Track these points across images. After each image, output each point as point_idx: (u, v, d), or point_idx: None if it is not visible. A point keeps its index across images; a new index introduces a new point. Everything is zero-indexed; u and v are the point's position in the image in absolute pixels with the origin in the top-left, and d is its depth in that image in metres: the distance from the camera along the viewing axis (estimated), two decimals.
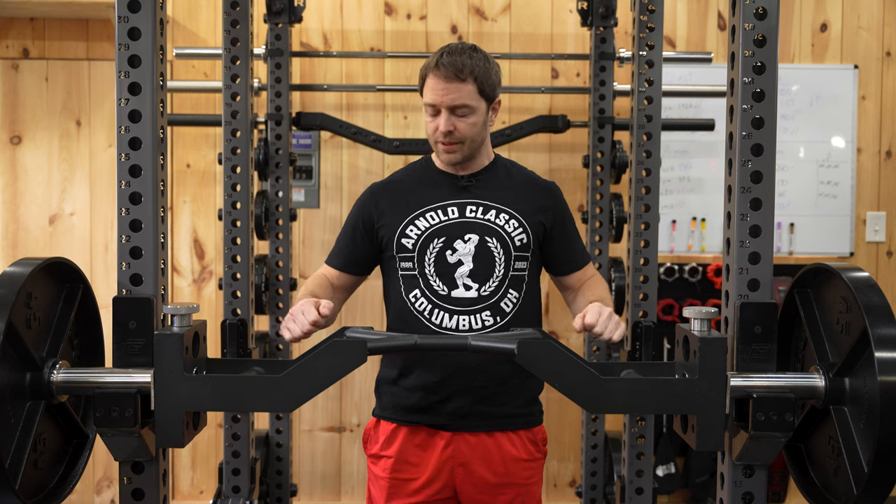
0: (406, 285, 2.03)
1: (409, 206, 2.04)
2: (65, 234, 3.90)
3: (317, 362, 1.46)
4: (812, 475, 1.49)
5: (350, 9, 3.85)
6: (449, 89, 1.95)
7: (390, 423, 2.08)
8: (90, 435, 1.51)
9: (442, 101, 1.96)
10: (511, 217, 2.03)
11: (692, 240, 3.94)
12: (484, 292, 1.99)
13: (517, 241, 2.02)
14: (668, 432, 3.78)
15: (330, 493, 3.94)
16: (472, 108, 1.98)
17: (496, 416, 2.03)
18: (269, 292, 3.33)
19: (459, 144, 2.00)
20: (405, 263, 2.03)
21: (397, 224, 2.03)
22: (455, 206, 2.04)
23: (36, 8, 3.68)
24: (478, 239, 2.01)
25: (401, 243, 2.02)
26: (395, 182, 2.13)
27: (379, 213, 2.07)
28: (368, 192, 2.13)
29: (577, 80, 3.88)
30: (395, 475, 2.05)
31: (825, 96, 3.92)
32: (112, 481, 3.93)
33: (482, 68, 1.98)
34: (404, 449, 2.05)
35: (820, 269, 1.45)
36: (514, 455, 2.04)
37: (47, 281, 1.42)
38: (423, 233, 2.01)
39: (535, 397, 2.11)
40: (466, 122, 1.98)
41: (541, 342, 1.49)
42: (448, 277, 2.00)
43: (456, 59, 1.95)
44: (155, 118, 1.45)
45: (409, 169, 2.17)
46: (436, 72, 1.96)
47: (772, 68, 1.44)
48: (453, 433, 2.02)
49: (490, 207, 2.04)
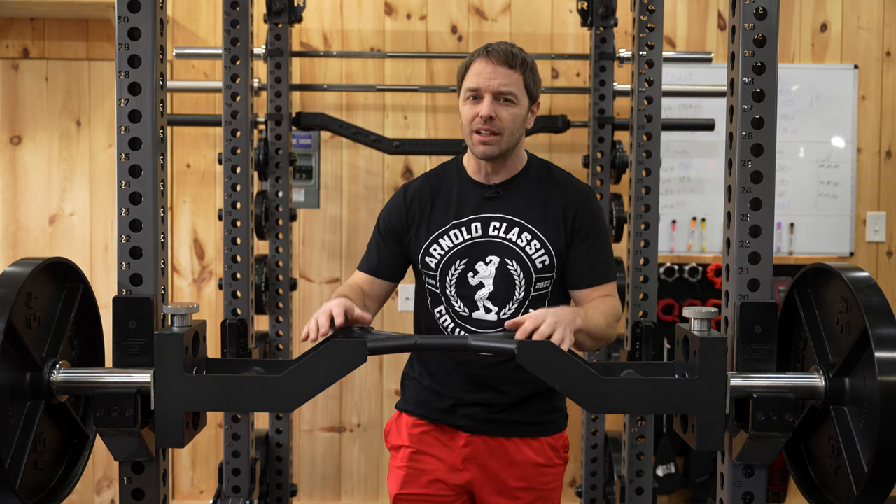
0: (432, 300, 2.05)
1: (435, 221, 2.02)
2: (65, 234, 3.90)
3: (317, 362, 1.46)
4: (812, 475, 1.49)
5: (350, 9, 3.85)
6: (497, 73, 1.90)
7: (412, 416, 2.08)
8: (90, 435, 1.50)
9: (489, 84, 1.90)
10: (533, 237, 1.98)
11: (692, 240, 3.94)
12: (504, 315, 1.98)
13: (538, 263, 1.98)
14: (668, 432, 3.78)
15: (330, 493, 3.94)
16: (516, 99, 1.93)
17: (517, 423, 2.03)
18: (269, 292, 3.33)
19: (498, 136, 1.93)
20: (430, 280, 2.04)
21: (422, 242, 2.02)
22: (479, 222, 2.00)
23: (36, 8, 3.68)
24: (498, 261, 1.98)
25: (425, 262, 2.02)
26: (425, 188, 2.07)
27: (407, 225, 2.05)
28: (401, 194, 2.08)
29: (577, 80, 3.88)
30: (412, 464, 2.05)
31: (825, 96, 3.92)
32: (112, 481, 3.93)
33: (531, 63, 1.96)
34: (424, 441, 2.06)
35: (820, 269, 1.45)
36: (533, 460, 2.03)
37: (47, 281, 1.42)
38: (447, 253, 2.00)
39: (559, 406, 2.10)
40: (509, 111, 1.92)
41: (541, 342, 1.49)
42: (469, 300, 1.99)
43: (508, 49, 1.93)
44: (155, 118, 1.45)
45: (440, 172, 2.11)
46: (485, 57, 1.92)
47: (772, 68, 1.44)
48: (473, 434, 2.03)
49: (514, 224, 1.99)
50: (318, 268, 3.90)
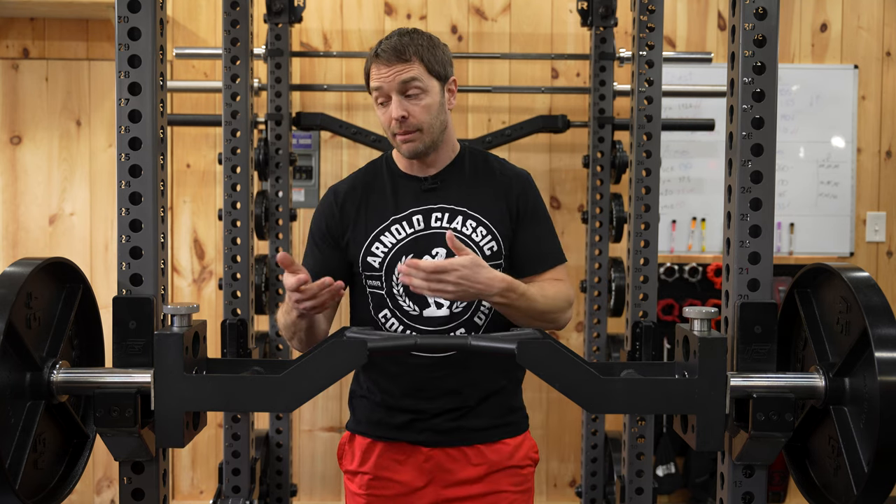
0: (375, 303, 1.92)
1: (372, 219, 1.91)
2: (65, 234, 3.90)
3: (317, 362, 1.46)
4: (812, 475, 1.49)
5: (350, 9, 3.85)
6: (392, 70, 1.82)
7: (366, 437, 1.96)
8: (90, 435, 1.50)
9: (389, 83, 1.82)
10: (478, 224, 1.89)
11: (692, 240, 3.94)
12: (456, 309, 1.88)
13: (486, 250, 1.89)
14: (668, 432, 3.78)
15: (330, 493, 3.94)
16: (422, 88, 1.83)
17: (478, 429, 1.93)
18: (269, 292, 3.33)
19: (418, 133, 1.84)
20: (373, 281, 1.92)
21: (361, 242, 1.91)
22: (420, 215, 1.90)
23: (36, 8, 3.69)
24: (445, 252, 1.86)
25: (367, 262, 1.90)
26: (357, 188, 1.96)
27: (342, 228, 1.93)
28: (330, 197, 1.97)
29: (577, 80, 3.88)
30: (371, 492, 1.93)
31: (825, 96, 3.92)
32: (112, 481, 3.93)
33: (425, 46, 1.85)
34: (382, 464, 1.93)
35: (820, 269, 1.45)
36: (499, 464, 1.93)
37: (47, 281, 1.42)
38: (390, 250, 1.89)
39: (517, 406, 2.00)
40: (420, 104, 1.83)
41: (541, 342, 1.49)
42: (418, 297, 1.86)
43: (394, 42, 1.84)
44: (155, 118, 1.45)
45: (370, 171, 2.00)
46: (376, 60, 1.84)
47: (772, 68, 1.44)
48: (433, 447, 1.92)
49: (456, 213, 1.90)
50: None
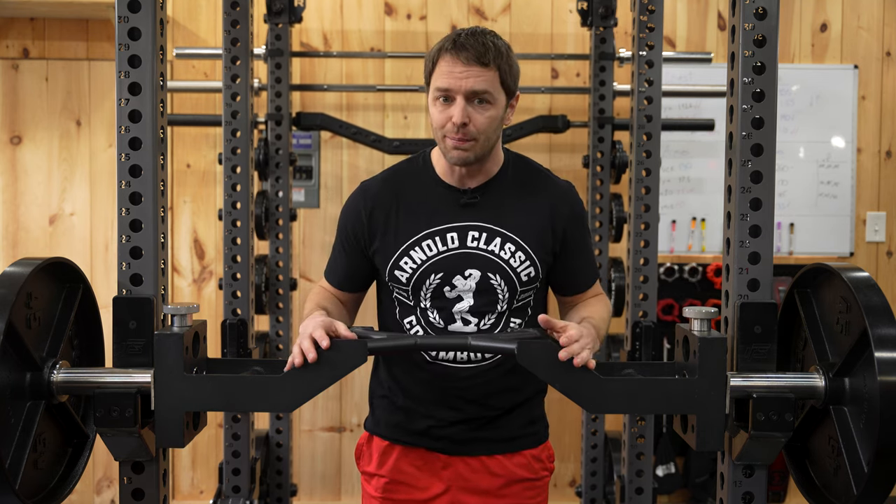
0: (401, 310, 1.83)
1: (403, 231, 1.78)
2: (65, 234, 3.90)
3: (317, 362, 1.46)
4: (812, 475, 1.49)
5: (350, 9, 3.85)
6: (469, 73, 1.66)
7: (384, 440, 1.89)
8: (90, 435, 1.51)
9: (461, 85, 1.66)
10: (517, 248, 1.77)
11: (692, 240, 3.94)
12: (483, 326, 1.78)
13: (524, 276, 1.78)
14: (668, 432, 3.78)
15: (330, 493, 3.94)
16: (492, 99, 1.69)
17: (498, 439, 1.86)
18: (269, 292, 3.33)
19: (473, 142, 1.70)
20: (400, 291, 1.81)
21: (390, 253, 1.78)
22: (455, 233, 1.77)
23: (36, 8, 3.68)
24: (479, 275, 1.76)
25: (394, 275, 1.78)
26: (389, 192, 1.82)
27: (371, 233, 1.81)
28: (359, 199, 1.84)
29: (577, 80, 3.88)
30: (388, 496, 1.87)
31: (825, 96, 3.92)
32: (112, 481, 3.93)
33: (506, 55, 1.70)
34: (399, 468, 1.87)
35: (820, 269, 1.45)
36: (518, 475, 1.87)
37: (47, 281, 1.42)
38: (419, 266, 1.77)
39: (539, 416, 1.93)
40: (485, 114, 1.69)
41: (541, 342, 1.49)
42: (446, 312, 1.78)
43: (479, 41, 1.67)
44: (155, 118, 1.45)
45: (405, 171, 1.86)
46: (454, 53, 1.67)
47: (772, 68, 1.44)
48: (451, 455, 1.86)
49: (495, 234, 1.77)
50: (318, 268, 3.90)
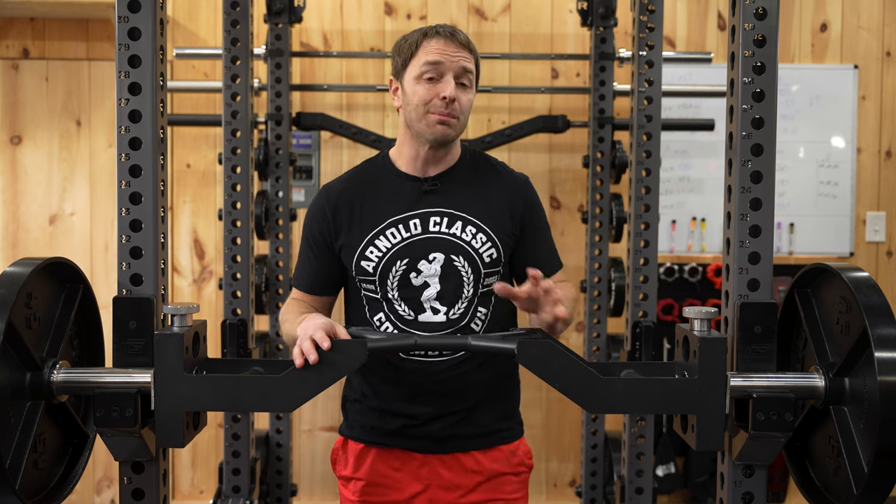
0: (370, 307, 1.87)
1: (367, 222, 1.84)
2: (65, 234, 3.90)
3: (318, 363, 1.46)
4: (812, 475, 1.49)
5: (350, 9, 3.85)
6: (461, 54, 1.78)
7: (359, 443, 1.91)
8: (90, 435, 1.51)
9: (453, 62, 1.77)
10: (478, 230, 1.83)
11: (692, 240, 3.94)
12: (453, 315, 1.82)
13: (486, 257, 1.83)
14: (668, 432, 3.78)
15: (330, 493, 3.94)
16: (471, 84, 1.81)
17: (473, 435, 1.89)
18: (269, 292, 3.33)
19: (456, 120, 1.79)
20: (367, 285, 1.85)
21: (356, 245, 1.84)
22: (418, 219, 1.83)
23: (36, 8, 3.69)
24: (443, 258, 1.81)
25: (361, 267, 1.83)
26: (352, 189, 1.89)
27: (336, 230, 1.86)
28: (323, 199, 1.89)
29: (577, 80, 3.88)
30: (366, 498, 1.89)
31: (825, 96, 3.92)
32: (112, 481, 3.93)
33: (475, 49, 1.84)
34: (376, 470, 1.89)
35: (820, 269, 1.45)
36: (495, 470, 1.90)
37: (47, 281, 1.42)
38: (385, 254, 1.82)
39: (513, 412, 1.97)
40: (467, 96, 1.80)
41: (541, 342, 1.49)
42: (414, 302, 1.82)
43: (456, 31, 1.80)
44: (155, 118, 1.45)
45: (366, 170, 1.93)
46: (445, 36, 1.78)
47: (772, 68, 1.44)
48: (427, 454, 1.88)
49: (456, 218, 1.83)
50: None
